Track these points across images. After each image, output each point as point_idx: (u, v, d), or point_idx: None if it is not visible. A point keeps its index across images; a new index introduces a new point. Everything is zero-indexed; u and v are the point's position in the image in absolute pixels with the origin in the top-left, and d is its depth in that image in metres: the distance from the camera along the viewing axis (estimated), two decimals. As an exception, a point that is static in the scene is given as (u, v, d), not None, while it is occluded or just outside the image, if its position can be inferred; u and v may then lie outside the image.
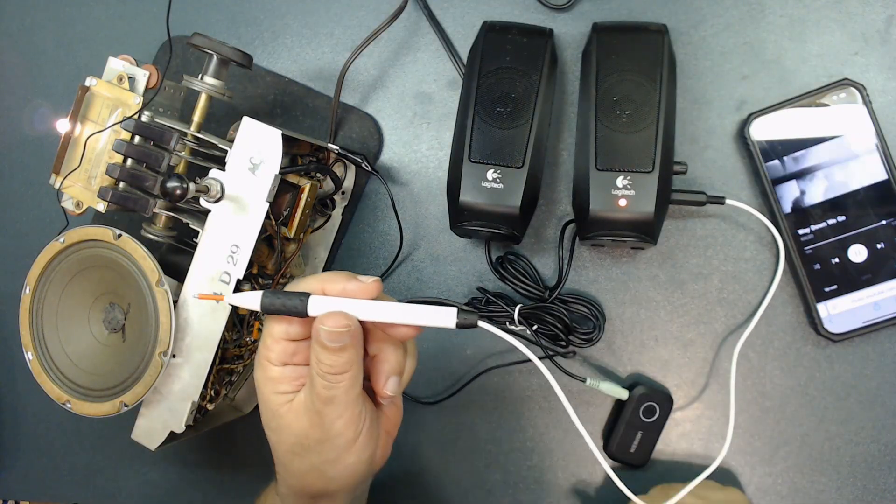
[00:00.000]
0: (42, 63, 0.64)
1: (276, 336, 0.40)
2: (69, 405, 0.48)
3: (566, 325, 0.53)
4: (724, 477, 0.54)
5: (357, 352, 0.39)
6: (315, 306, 0.39)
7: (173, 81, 0.53)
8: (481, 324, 0.39)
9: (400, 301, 0.41)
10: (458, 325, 0.38)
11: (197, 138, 0.49)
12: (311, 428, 0.40)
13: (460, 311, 0.38)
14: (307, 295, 0.39)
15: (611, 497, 0.56)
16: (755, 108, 0.52)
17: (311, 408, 0.40)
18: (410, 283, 0.58)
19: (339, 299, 0.39)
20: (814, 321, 0.52)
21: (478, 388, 0.57)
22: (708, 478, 0.51)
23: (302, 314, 0.39)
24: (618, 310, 0.55)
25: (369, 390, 0.42)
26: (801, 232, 0.52)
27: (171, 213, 0.49)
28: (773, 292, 0.52)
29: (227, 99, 0.50)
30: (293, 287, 0.40)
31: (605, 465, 0.45)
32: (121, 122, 0.48)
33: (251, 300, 0.39)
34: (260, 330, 0.55)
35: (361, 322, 0.39)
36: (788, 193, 0.52)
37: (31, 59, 0.65)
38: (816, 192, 0.51)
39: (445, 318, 0.38)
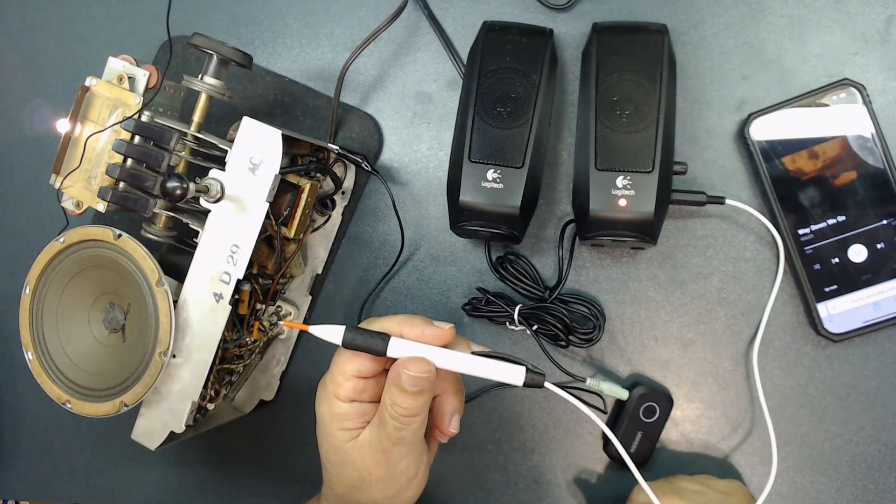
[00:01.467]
0: (42, 63, 0.64)
1: (347, 373, 0.42)
2: (69, 405, 0.48)
3: (566, 325, 0.53)
4: (726, 474, 0.54)
5: (430, 396, 0.41)
6: (395, 348, 0.41)
7: (173, 81, 0.53)
8: (547, 384, 0.41)
9: (464, 337, 0.43)
10: (525, 384, 0.41)
11: (197, 138, 0.49)
12: (376, 465, 0.42)
13: (528, 371, 0.41)
14: (388, 336, 0.41)
15: (611, 497, 0.56)
16: (755, 108, 0.52)
17: (377, 446, 0.41)
18: (411, 283, 0.58)
19: (418, 344, 0.41)
20: (814, 321, 0.52)
21: (478, 388, 0.57)
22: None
23: (381, 354, 0.41)
24: (618, 310, 0.55)
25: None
26: (801, 232, 0.52)
27: (171, 213, 0.49)
28: (776, 293, 0.52)
29: (227, 99, 0.50)
30: (368, 325, 0.42)
31: (625, 456, 0.45)
32: (121, 122, 0.48)
33: (333, 334, 0.41)
34: (260, 330, 0.55)
35: None
36: (788, 193, 0.52)
37: (31, 59, 0.65)
38: (816, 192, 0.51)
39: (514, 375, 0.41)
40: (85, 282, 0.49)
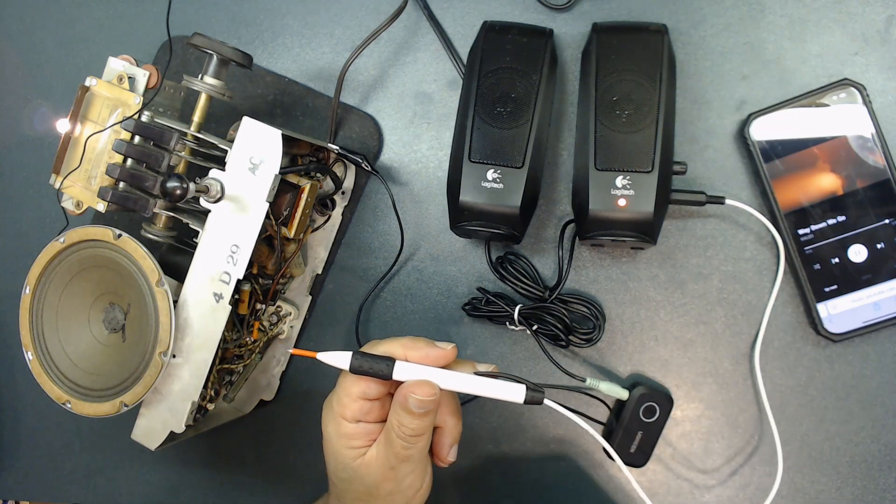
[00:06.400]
0: (42, 63, 0.64)
1: (354, 395, 0.43)
2: (69, 405, 0.48)
3: (566, 325, 0.53)
4: (726, 474, 0.54)
5: (435, 416, 0.43)
6: (400, 372, 0.42)
7: (173, 81, 0.53)
8: (547, 402, 0.43)
9: (467, 359, 0.46)
10: (526, 402, 0.42)
11: (197, 138, 0.49)
12: (384, 481, 0.44)
13: (528, 388, 0.42)
14: (393, 360, 0.42)
15: (611, 496, 0.56)
16: (755, 108, 0.52)
17: (385, 464, 0.43)
18: (410, 283, 0.58)
19: (422, 367, 0.43)
20: (814, 321, 0.52)
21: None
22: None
23: (386, 378, 0.42)
24: (618, 310, 0.55)
25: None
26: (801, 232, 0.52)
27: (171, 213, 0.49)
28: (776, 293, 0.52)
29: (227, 99, 0.50)
30: (373, 348, 0.44)
31: (624, 469, 0.45)
32: (121, 122, 0.48)
33: (341, 360, 0.42)
34: (260, 330, 0.55)
35: None
36: (788, 193, 0.52)
37: (31, 59, 0.65)
38: (816, 192, 0.51)
39: (515, 393, 0.42)
40: (85, 282, 0.49)
